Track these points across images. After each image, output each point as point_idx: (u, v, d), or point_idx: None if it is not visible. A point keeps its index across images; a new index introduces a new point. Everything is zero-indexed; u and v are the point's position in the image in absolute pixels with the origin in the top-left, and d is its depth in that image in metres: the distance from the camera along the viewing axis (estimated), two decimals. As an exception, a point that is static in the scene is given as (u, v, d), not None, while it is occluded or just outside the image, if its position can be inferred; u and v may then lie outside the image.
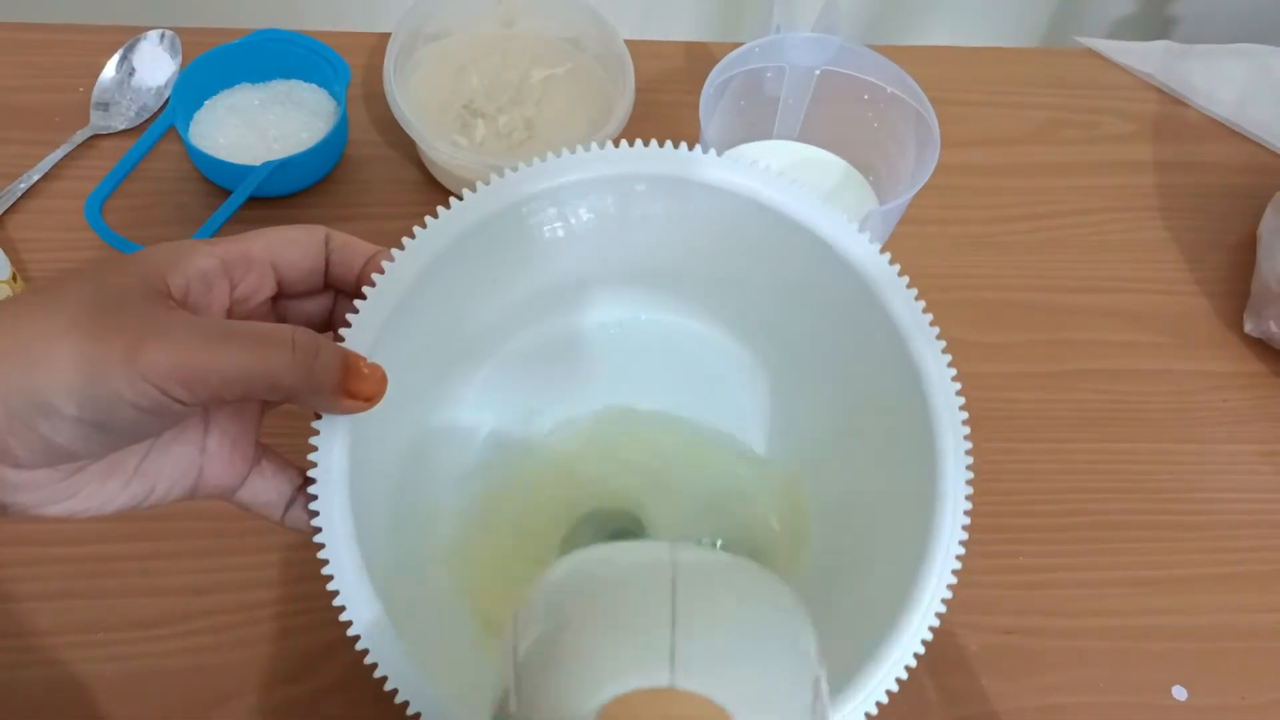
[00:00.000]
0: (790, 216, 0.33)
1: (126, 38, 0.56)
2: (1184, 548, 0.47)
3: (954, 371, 0.32)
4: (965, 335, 0.52)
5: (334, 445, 0.29)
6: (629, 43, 0.53)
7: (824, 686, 0.23)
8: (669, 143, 0.32)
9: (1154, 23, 0.79)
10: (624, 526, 0.37)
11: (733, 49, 0.47)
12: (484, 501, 0.37)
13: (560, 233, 0.34)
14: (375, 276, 0.29)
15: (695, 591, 0.23)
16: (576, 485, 0.38)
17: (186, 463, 0.29)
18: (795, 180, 0.33)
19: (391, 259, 0.30)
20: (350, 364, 0.27)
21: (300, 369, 0.26)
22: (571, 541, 0.36)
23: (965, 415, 0.32)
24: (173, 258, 0.27)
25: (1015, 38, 0.84)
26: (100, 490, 0.27)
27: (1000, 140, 0.60)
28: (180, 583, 0.41)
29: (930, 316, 0.32)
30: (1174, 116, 0.62)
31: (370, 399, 0.28)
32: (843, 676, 0.29)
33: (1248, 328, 0.53)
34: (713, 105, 0.46)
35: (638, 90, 0.52)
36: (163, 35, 0.56)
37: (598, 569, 0.25)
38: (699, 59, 0.60)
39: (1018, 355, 0.52)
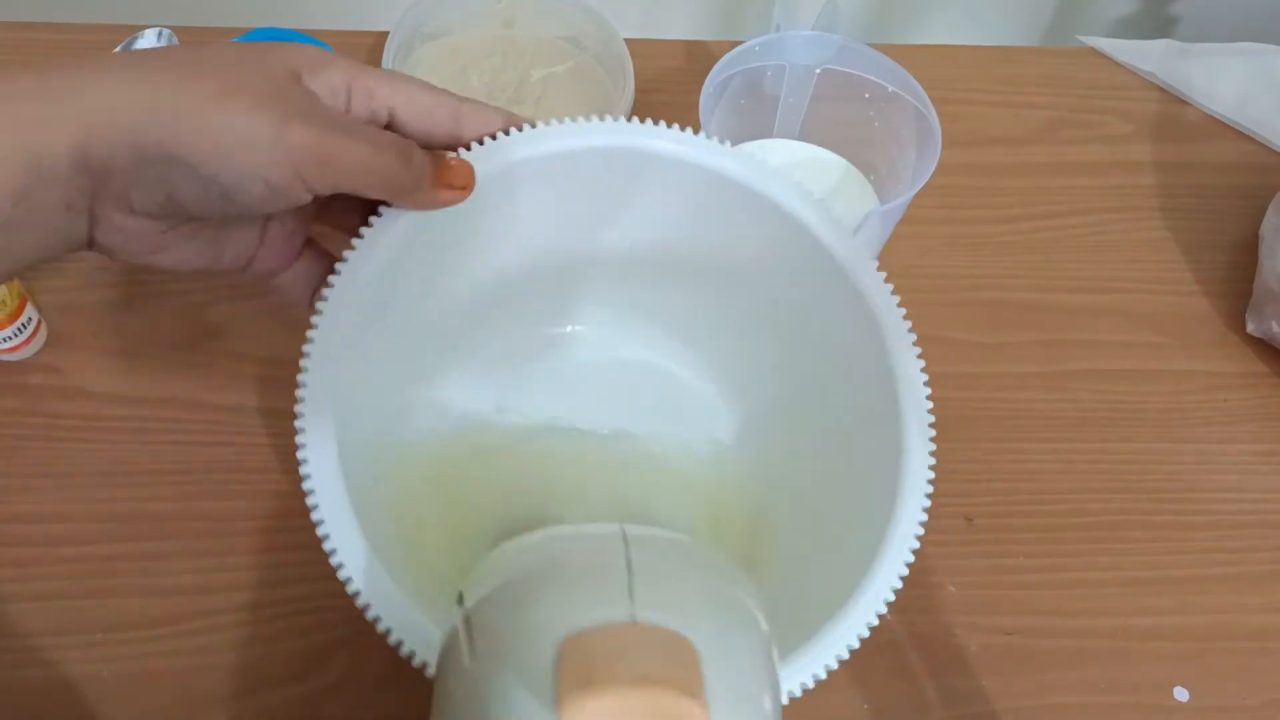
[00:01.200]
0: (741, 182, 0.35)
1: (124, 36, 0.55)
2: (1184, 548, 0.47)
3: (914, 338, 0.33)
4: (965, 335, 0.52)
5: (321, 415, 0.30)
6: (629, 42, 0.53)
7: (774, 651, 0.24)
8: (632, 119, 0.34)
9: (1155, 22, 0.79)
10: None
11: (732, 48, 0.47)
12: (439, 488, 0.38)
13: (530, 210, 0.35)
14: (350, 249, 0.31)
15: (647, 551, 0.24)
16: (508, 500, 0.38)
17: (248, 242, 0.32)
18: (762, 160, 0.34)
19: (520, 127, 0.33)
20: (440, 160, 0.31)
21: (406, 166, 0.29)
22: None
23: (923, 363, 0.34)
24: (312, 60, 0.29)
25: (1016, 37, 0.84)
26: (184, 248, 0.30)
27: (1001, 140, 0.60)
28: (179, 583, 0.41)
29: (892, 290, 0.34)
30: (1175, 116, 0.62)
31: (465, 188, 0.31)
32: (806, 633, 0.30)
33: (1249, 328, 0.53)
34: (712, 104, 0.46)
35: (637, 89, 0.52)
36: (160, 34, 0.56)
37: (550, 538, 0.26)
38: (699, 58, 0.60)
39: (1018, 355, 0.52)
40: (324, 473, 0.29)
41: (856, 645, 0.30)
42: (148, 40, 0.56)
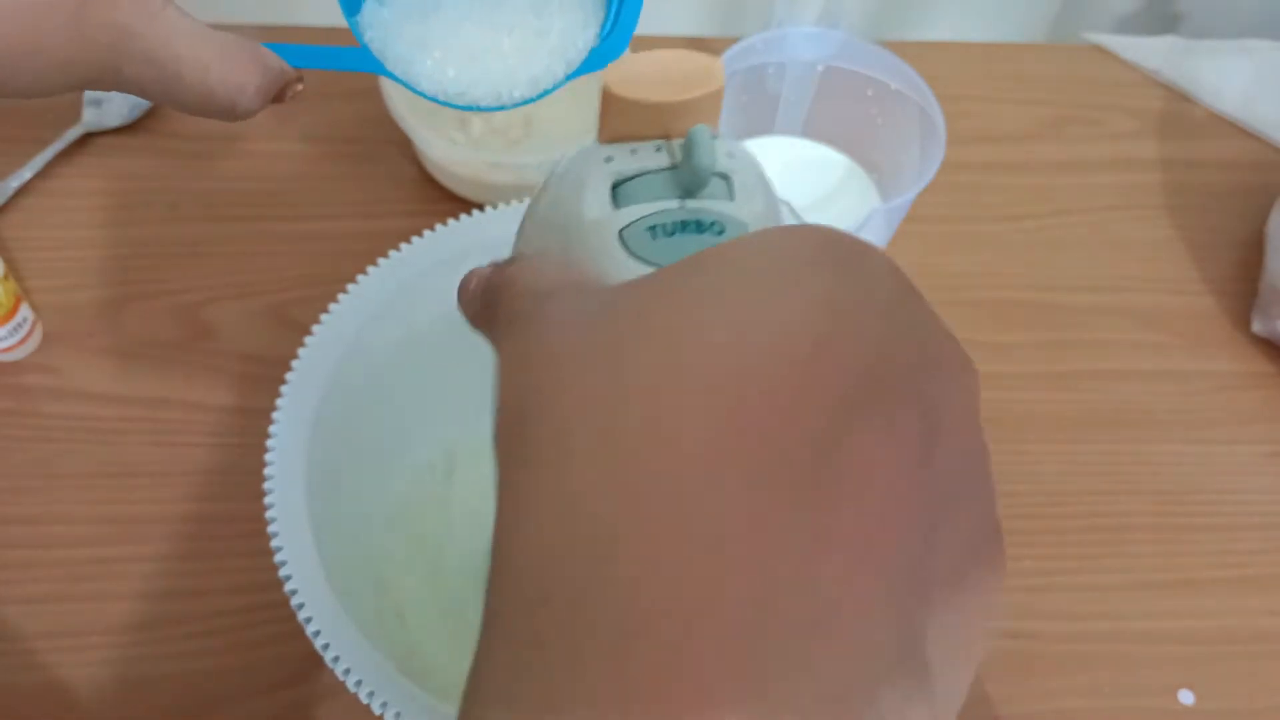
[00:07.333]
0: None
1: (121, 33, 0.55)
2: (1191, 550, 0.46)
3: None
4: (970, 335, 0.51)
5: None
6: (629, 38, 0.53)
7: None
8: None
9: (1160, 19, 0.78)
10: None
11: (734, 44, 0.46)
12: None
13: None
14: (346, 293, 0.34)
15: None
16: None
17: None
18: None
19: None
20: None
21: None
22: None
23: None
24: None
25: (1021, 34, 0.83)
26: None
27: (1005, 137, 0.59)
28: (174, 586, 0.41)
29: None
30: (1180, 113, 0.62)
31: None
32: None
33: (1255, 327, 0.52)
34: (714, 102, 0.46)
35: (638, 86, 0.51)
36: (158, 31, 0.56)
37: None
38: (700, 55, 0.59)
39: (1022, 355, 0.51)
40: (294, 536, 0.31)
41: None
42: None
